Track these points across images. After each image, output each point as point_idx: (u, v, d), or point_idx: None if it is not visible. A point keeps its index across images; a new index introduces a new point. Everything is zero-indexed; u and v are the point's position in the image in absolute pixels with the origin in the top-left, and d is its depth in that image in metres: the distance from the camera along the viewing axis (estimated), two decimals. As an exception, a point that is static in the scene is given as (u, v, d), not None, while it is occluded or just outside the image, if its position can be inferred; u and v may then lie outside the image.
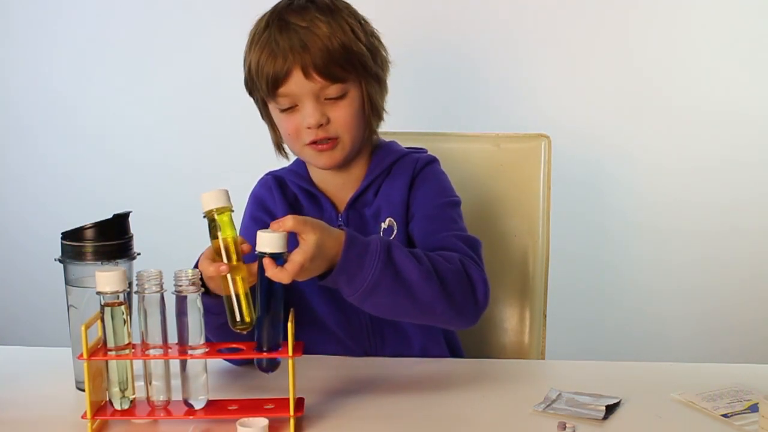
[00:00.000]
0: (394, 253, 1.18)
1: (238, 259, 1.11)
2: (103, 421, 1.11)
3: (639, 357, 1.98)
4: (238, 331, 1.10)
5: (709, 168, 2.15)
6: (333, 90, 1.32)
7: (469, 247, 1.30)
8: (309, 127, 1.32)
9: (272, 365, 1.11)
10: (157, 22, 2.24)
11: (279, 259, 1.08)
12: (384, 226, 1.38)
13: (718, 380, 1.22)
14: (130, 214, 1.27)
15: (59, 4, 2.26)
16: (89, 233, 1.22)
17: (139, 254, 1.26)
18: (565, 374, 1.30)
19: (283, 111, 1.34)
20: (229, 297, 1.10)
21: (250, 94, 1.40)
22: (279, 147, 1.45)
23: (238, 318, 1.10)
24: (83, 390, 1.12)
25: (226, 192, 1.12)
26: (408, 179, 1.40)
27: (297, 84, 1.30)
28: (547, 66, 2.14)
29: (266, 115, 1.41)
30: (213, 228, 1.12)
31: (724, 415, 1.11)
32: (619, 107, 2.15)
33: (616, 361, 1.38)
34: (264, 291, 1.09)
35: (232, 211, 1.12)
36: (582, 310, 2.20)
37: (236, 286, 1.10)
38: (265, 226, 1.40)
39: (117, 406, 1.11)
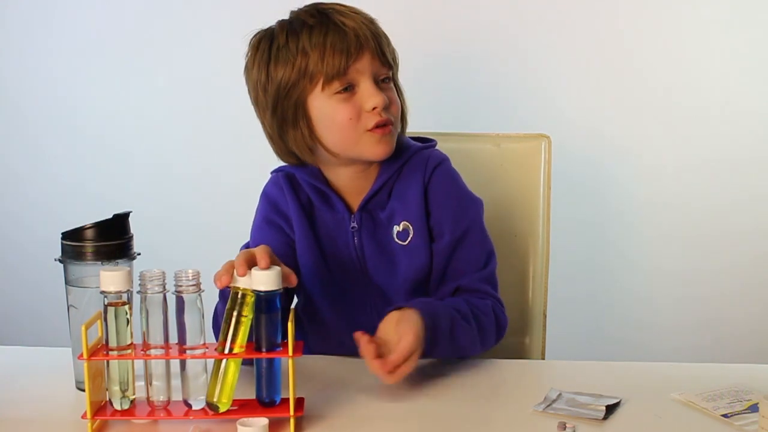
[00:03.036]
0: (456, 332, 1.26)
1: (240, 346, 1.09)
2: (103, 421, 1.11)
3: (639, 357, 1.98)
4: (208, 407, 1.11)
5: (709, 167, 2.15)
6: (386, 75, 1.34)
7: (491, 284, 1.38)
8: (375, 108, 1.30)
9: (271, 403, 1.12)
10: (157, 22, 2.24)
11: (274, 296, 1.08)
12: (398, 229, 1.37)
13: (718, 380, 1.22)
14: (130, 214, 1.26)
15: (59, 4, 2.26)
16: (89, 233, 1.22)
17: (139, 254, 1.25)
18: (565, 374, 1.30)
19: (340, 94, 1.30)
20: (215, 377, 1.09)
21: (287, 95, 1.32)
22: (310, 151, 1.36)
23: (214, 399, 1.09)
24: (83, 390, 1.13)
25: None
26: (421, 181, 1.38)
27: (365, 65, 1.30)
28: (547, 66, 2.14)
29: (297, 121, 1.34)
30: (238, 303, 1.09)
31: (724, 415, 1.11)
32: (620, 107, 2.15)
33: (616, 361, 1.38)
34: (260, 325, 1.09)
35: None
36: (582, 310, 2.20)
37: (228, 373, 1.09)
38: (279, 230, 1.40)
39: (117, 406, 1.11)
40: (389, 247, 1.38)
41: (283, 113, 1.34)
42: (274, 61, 1.32)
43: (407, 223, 1.37)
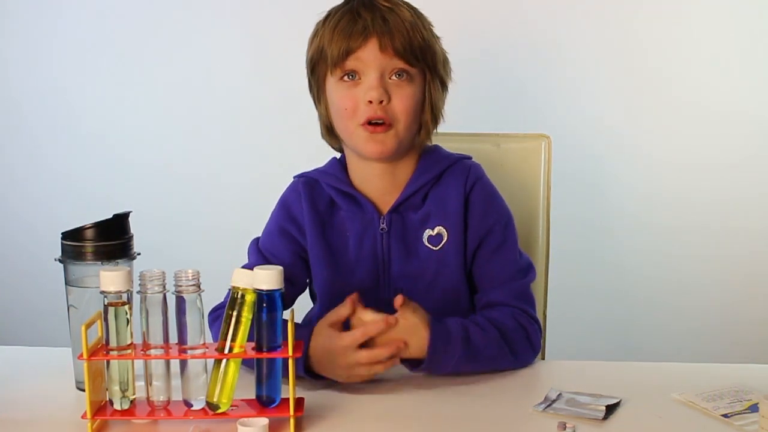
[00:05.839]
0: (471, 338, 1.25)
1: (239, 346, 1.09)
2: (103, 421, 1.11)
3: (639, 357, 1.98)
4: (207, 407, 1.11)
5: (709, 167, 2.15)
6: (399, 70, 1.31)
7: (524, 300, 1.36)
8: (370, 101, 1.29)
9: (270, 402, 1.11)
10: (157, 23, 2.24)
11: (275, 295, 1.08)
12: (431, 233, 1.36)
13: (718, 380, 1.22)
14: (130, 214, 1.26)
15: (59, 4, 2.26)
16: (89, 233, 1.22)
17: (139, 254, 1.25)
18: (565, 374, 1.30)
19: (344, 81, 1.31)
20: (215, 377, 1.09)
21: (312, 71, 1.37)
22: (328, 130, 1.40)
23: (215, 399, 1.09)
24: (83, 390, 1.13)
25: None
26: (462, 190, 1.37)
27: (369, 55, 1.30)
28: (547, 66, 2.14)
29: (320, 97, 1.38)
30: (238, 303, 1.09)
31: (724, 415, 1.11)
32: (619, 107, 2.15)
33: (616, 361, 1.38)
34: (260, 324, 1.09)
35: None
36: (582, 310, 2.20)
37: (228, 373, 1.09)
38: (292, 239, 1.39)
39: (117, 406, 1.11)
40: (418, 250, 1.37)
41: (311, 90, 1.39)
42: (311, 39, 1.37)
43: (443, 229, 1.36)
